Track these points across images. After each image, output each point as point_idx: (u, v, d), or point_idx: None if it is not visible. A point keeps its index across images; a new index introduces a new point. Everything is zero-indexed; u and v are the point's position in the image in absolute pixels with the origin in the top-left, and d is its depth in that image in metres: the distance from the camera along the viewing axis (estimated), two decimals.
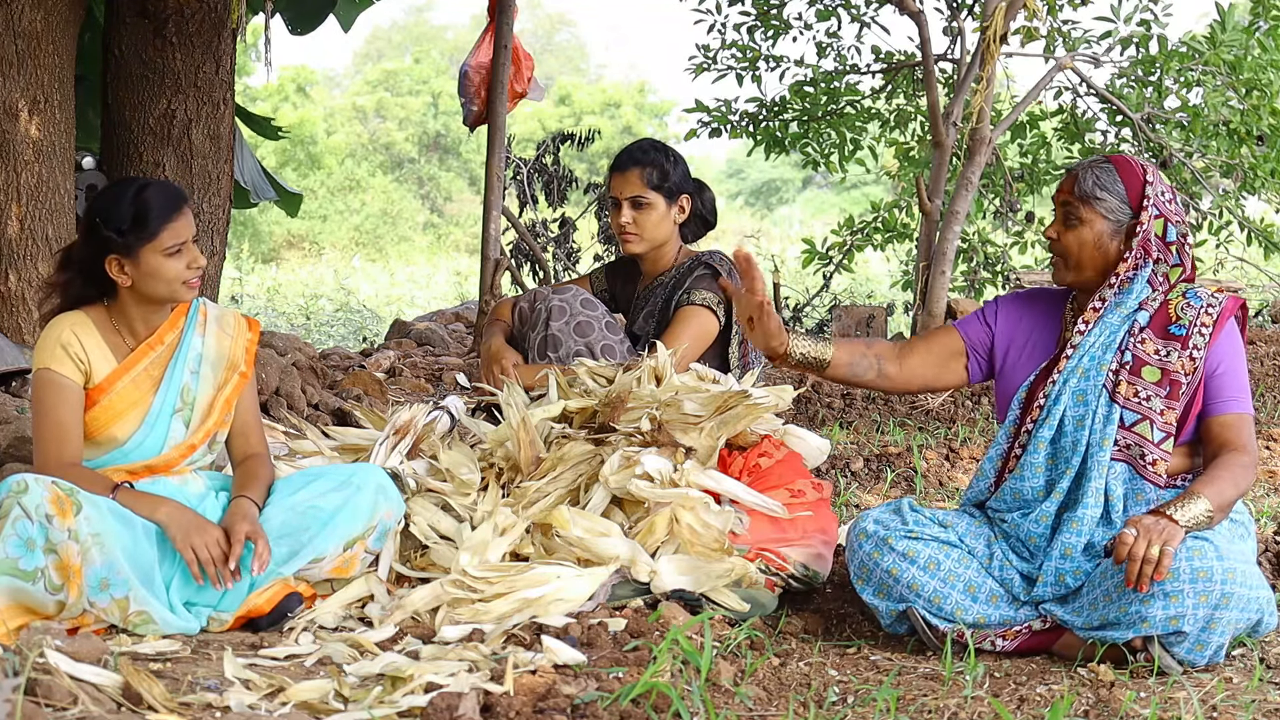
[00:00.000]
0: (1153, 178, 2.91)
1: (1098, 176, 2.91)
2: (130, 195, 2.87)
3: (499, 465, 3.24)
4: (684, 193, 3.80)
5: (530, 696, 2.27)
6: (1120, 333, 2.89)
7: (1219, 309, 2.87)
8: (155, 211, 2.85)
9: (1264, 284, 11.67)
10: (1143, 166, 2.92)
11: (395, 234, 25.91)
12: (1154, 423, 2.82)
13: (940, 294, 8.61)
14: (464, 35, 34.53)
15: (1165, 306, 2.90)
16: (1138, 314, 2.90)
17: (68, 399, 2.86)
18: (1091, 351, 2.90)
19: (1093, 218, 2.90)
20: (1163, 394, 2.83)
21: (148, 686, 2.18)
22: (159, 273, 2.87)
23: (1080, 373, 2.89)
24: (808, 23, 9.39)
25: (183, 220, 2.88)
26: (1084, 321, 2.92)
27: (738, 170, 31.25)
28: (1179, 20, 61.71)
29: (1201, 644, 2.61)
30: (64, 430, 2.85)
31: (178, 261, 2.88)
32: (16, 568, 2.57)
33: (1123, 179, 2.90)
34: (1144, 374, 2.85)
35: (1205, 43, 8.10)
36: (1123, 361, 2.87)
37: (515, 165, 11.15)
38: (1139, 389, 2.85)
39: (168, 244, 2.86)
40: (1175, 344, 2.86)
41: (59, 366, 2.86)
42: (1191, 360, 2.84)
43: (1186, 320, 2.87)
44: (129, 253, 2.86)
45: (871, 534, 2.93)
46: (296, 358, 5.62)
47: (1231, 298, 2.91)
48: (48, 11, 5.29)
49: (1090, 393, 2.87)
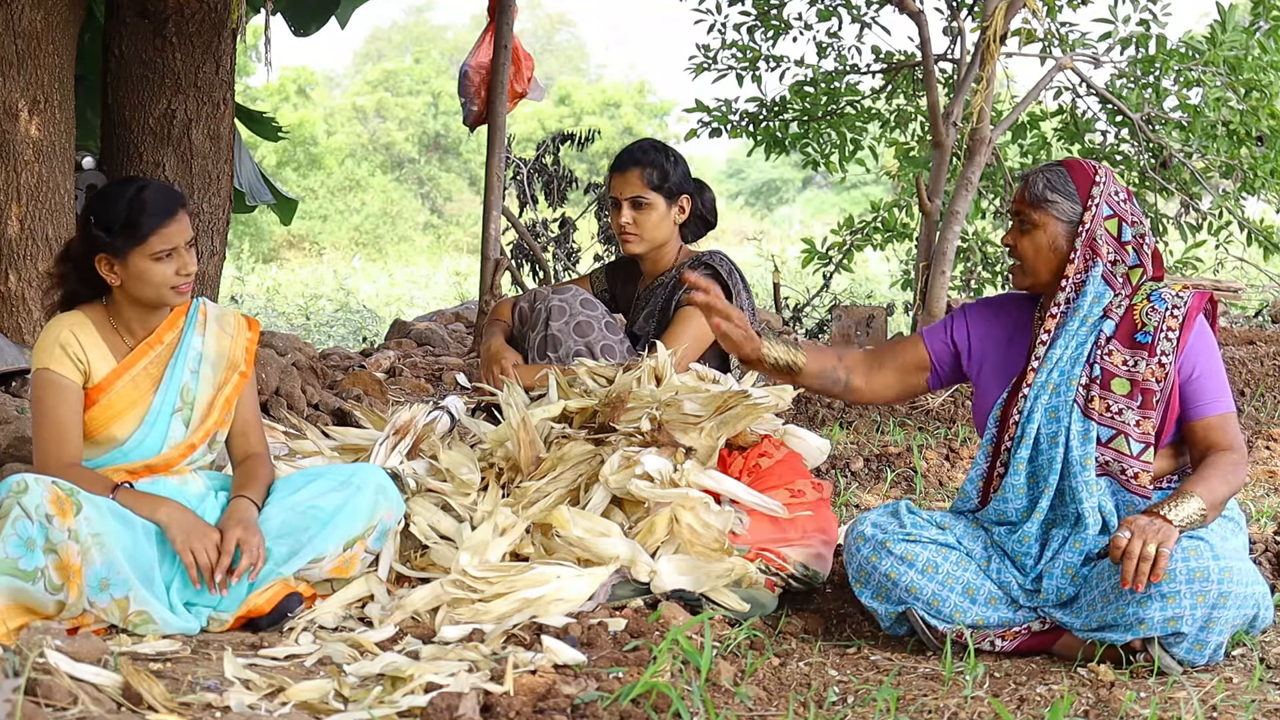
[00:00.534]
0: (1101, 177, 2.90)
1: (1048, 179, 2.91)
2: (127, 196, 2.86)
3: (499, 465, 3.24)
4: (684, 193, 3.80)
5: (530, 696, 2.27)
6: (1087, 344, 2.87)
7: (1184, 310, 2.84)
8: (148, 214, 2.83)
9: (1264, 284, 11.66)
10: (1094, 167, 2.91)
11: (395, 234, 25.91)
12: (1130, 436, 2.80)
13: (940, 294, 8.62)
14: (464, 35, 34.53)
15: (1130, 312, 2.87)
16: (1103, 323, 2.87)
17: (67, 399, 2.86)
18: (1060, 366, 2.88)
19: (1045, 220, 2.90)
20: (1135, 405, 2.81)
21: (148, 686, 2.18)
22: (146, 276, 2.86)
23: (1051, 388, 2.87)
24: (808, 23, 9.39)
25: (175, 225, 2.86)
26: (1045, 331, 2.90)
27: (738, 170, 31.25)
28: (1179, 20, 61.70)
29: (1201, 644, 2.61)
30: (63, 430, 2.85)
31: (166, 266, 2.86)
32: (16, 568, 2.57)
33: (1074, 180, 2.90)
34: (1114, 387, 2.83)
35: (1205, 43, 8.10)
36: (1092, 376, 2.85)
37: (515, 165, 11.15)
38: (1110, 403, 2.82)
39: (156, 248, 2.84)
40: (1142, 353, 2.83)
41: (58, 366, 2.86)
42: (1161, 367, 2.82)
43: (1151, 326, 2.84)
44: (118, 254, 2.85)
45: (869, 537, 2.93)
46: (296, 358, 5.62)
47: (1196, 294, 2.87)
48: (48, 11, 5.29)
49: (1062, 409, 2.85)
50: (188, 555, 2.77)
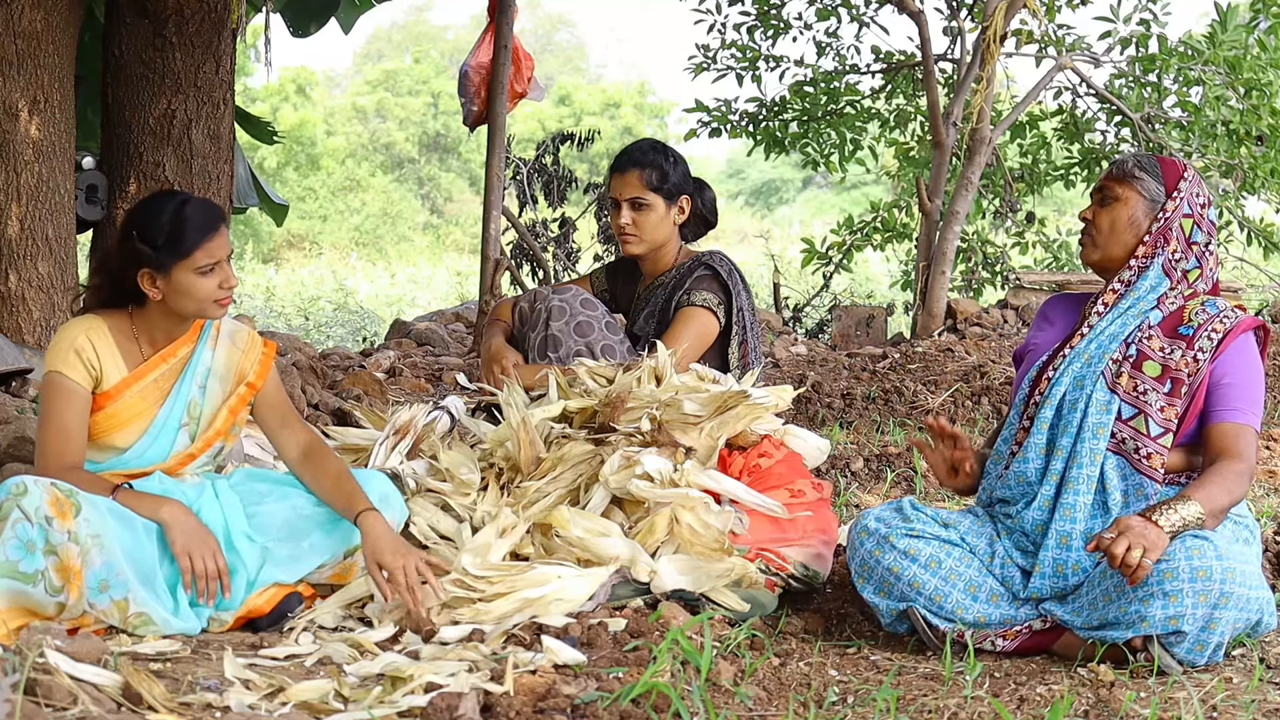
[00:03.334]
0: (1190, 175, 2.98)
1: (1139, 160, 3.00)
2: (169, 210, 2.84)
3: (499, 465, 3.24)
4: (684, 193, 3.80)
5: (530, 696, 2.27)
6: (1131, 326, 2.92)
7: (1234, 321, 2.88)
8: (191, 229, 2.83)
9: (1264, 284, 11.66)
10: (1184, 165, 3.00)
11: (395, 234, 25.91)
12: (1151, 418, 2.83)
13: (940, 294, 8.62)
14: (464, 35, 34.54)
15: (1181, 310, 2.92)
16: (1151, 312, 2.92)
17: (74, 404, 2.85)
18: (1100, 339, 2.93)
19: (1129, 195, 2.96)
20: (1163, 390, 2.84)
21: (148, 686, 2.18)
22: (191, 291, 2.86)
23: (1085, 358, 2.92)
24: (808, 23, 9.39)
25: (218, 239, 2.86)
26: (1103, 303, 2.97)
27: (738, 170, 31.24)
28: (1179, 20, 61.69)
29: (1201, 643, 2.61)
30: (67, 435, 2.84)
31: (210, 280, 2.86)
32: (17, 570, 2.57)
33: (1164, 167, 2.98)
34: (1145, 368, 2.87)
35: (1205, 42, 8.10)
36: (1126, 354, 2.89)
37: (515, 165, 11.15)
38: (1138, 383, 2.86)
39: (201, 263, 2.84)
40: (1181, 343, 2.87)
41: (70, 371, 2.85)
42: (1195, 361, 2.84)
43: (1197, 322, 2.88)
44: (161, 268, 2.84)
45: (873, 532, 2.93)
46: (296, 358, 5.62)
47: (1251, 317, 2.92)
48: (48, 11, 5.29)
49: (1089, 379, 2.88)
50: (185, 560, 2.76)
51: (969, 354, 7.29)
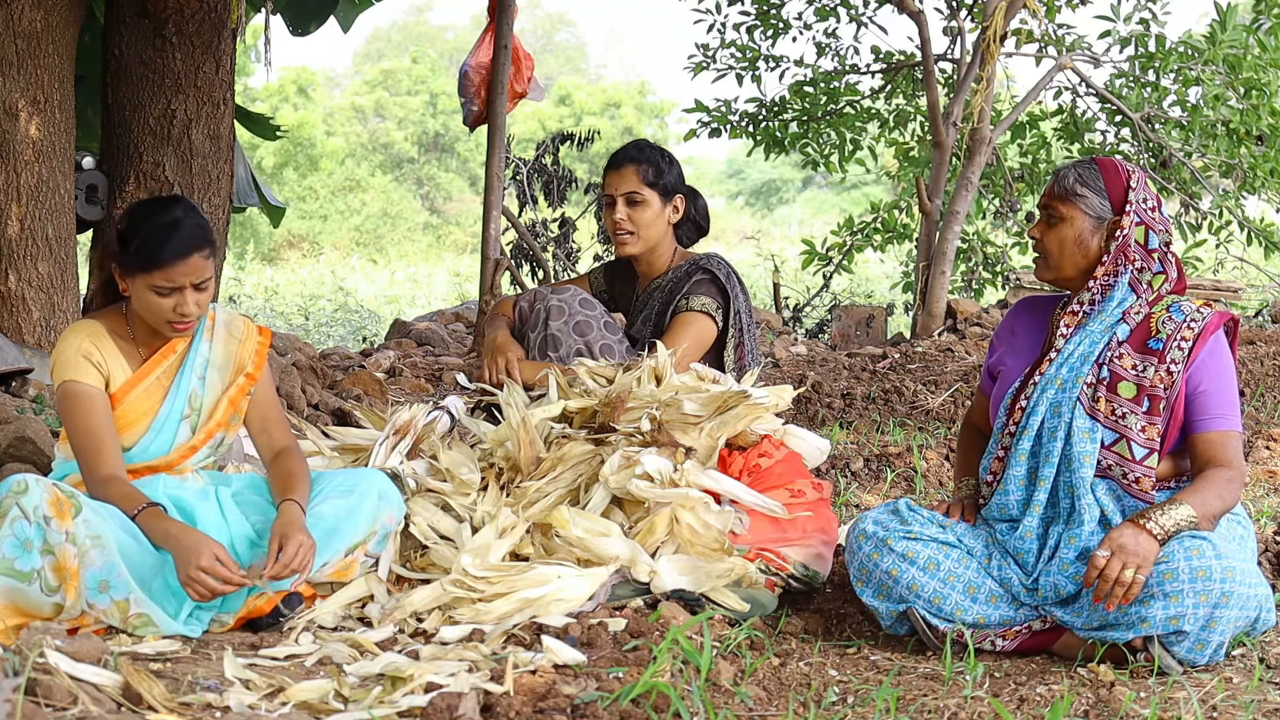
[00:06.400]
0: (1136, 183, 2.91)
1: (1079, 174, 2.92)
2: (156, 219, 2.82)
3: (499, 465, 3.24)
4: (678, 192, 3.80)
5: (530, 696, 2.27)
6: (1099, 345, 2.88)
7: (1202, 324, 2.84)
8: (163, 247, 2.79)
9: (1264, 284, 11.66)
10: (1128, 171, 2.92)
11: (395, 234, 25.91)
12: (1133, 441, 2.81)
13: (940, 294, 8.62)
14: (464, 35, 34.54)
15: (1147, 320, 2.88)
16: (1118, 327, 2.88)
17: (96, 407, 2.85)
18: (1071, 362, 2.89)
19: (1073, 214, 2.90)
20: (1141, 410, 2.82)
21: (148, 686, 2.18)
22: (146, 304, 2.86)
23: (1059, 383, 2.88)
24: (807, 22, 9.39)
25: (183, 266, 2.81)
26: (1066, 326, 2.92)
27: (738, 170, 31.26)
28: (1179, 20, 61.69)
29: (1202, 643, 2.61)
30: (98, 441, 2.83)
31: (165, 301, 2.84)
32: (12, 568, 2.57)
33: (1105, 178, 2.91)
34: (1120, 390, 2.84)
35: (1205, 42, 8.09)
36: (1100, 377, 2.86)
37: (515, 165, 11.15)
38: (1115, 406, 2.83)
39: (159, 283, 2.82)
40: (1152, 358, 2.84)
41: (83, 376, 2.85)
42: (1169, 374, 2.82)
43: (1165, 334, 2.84)
44: (127, 271, 2.85)
45: (871, 535, 2.93)
46: (296, 358, 5.62)
47: (1218, 313, 2.88)
48: (48, 11, 5.29)
49: (1065, 405, 2.85)
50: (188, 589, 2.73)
51: (969, 354, 7.29)
